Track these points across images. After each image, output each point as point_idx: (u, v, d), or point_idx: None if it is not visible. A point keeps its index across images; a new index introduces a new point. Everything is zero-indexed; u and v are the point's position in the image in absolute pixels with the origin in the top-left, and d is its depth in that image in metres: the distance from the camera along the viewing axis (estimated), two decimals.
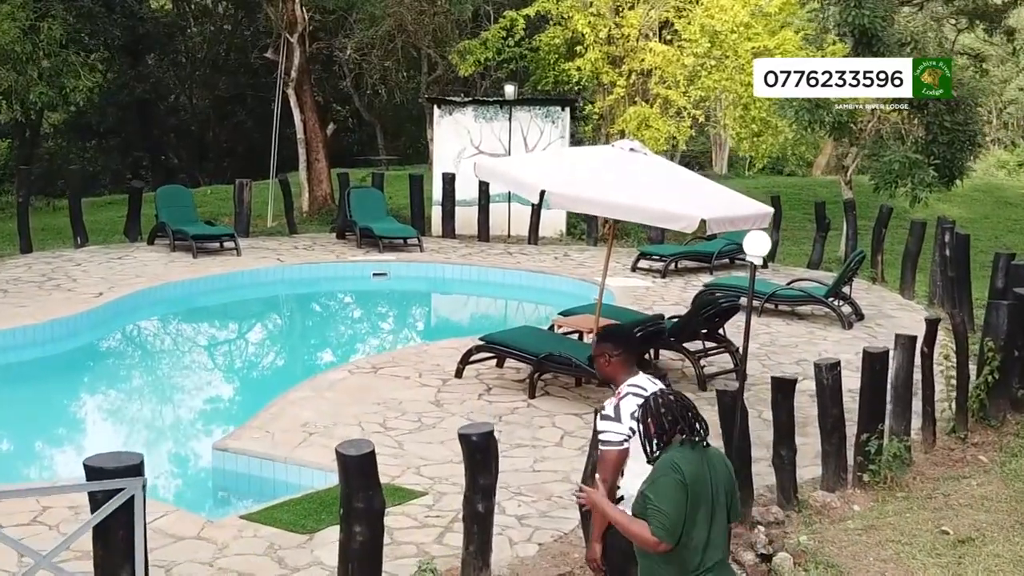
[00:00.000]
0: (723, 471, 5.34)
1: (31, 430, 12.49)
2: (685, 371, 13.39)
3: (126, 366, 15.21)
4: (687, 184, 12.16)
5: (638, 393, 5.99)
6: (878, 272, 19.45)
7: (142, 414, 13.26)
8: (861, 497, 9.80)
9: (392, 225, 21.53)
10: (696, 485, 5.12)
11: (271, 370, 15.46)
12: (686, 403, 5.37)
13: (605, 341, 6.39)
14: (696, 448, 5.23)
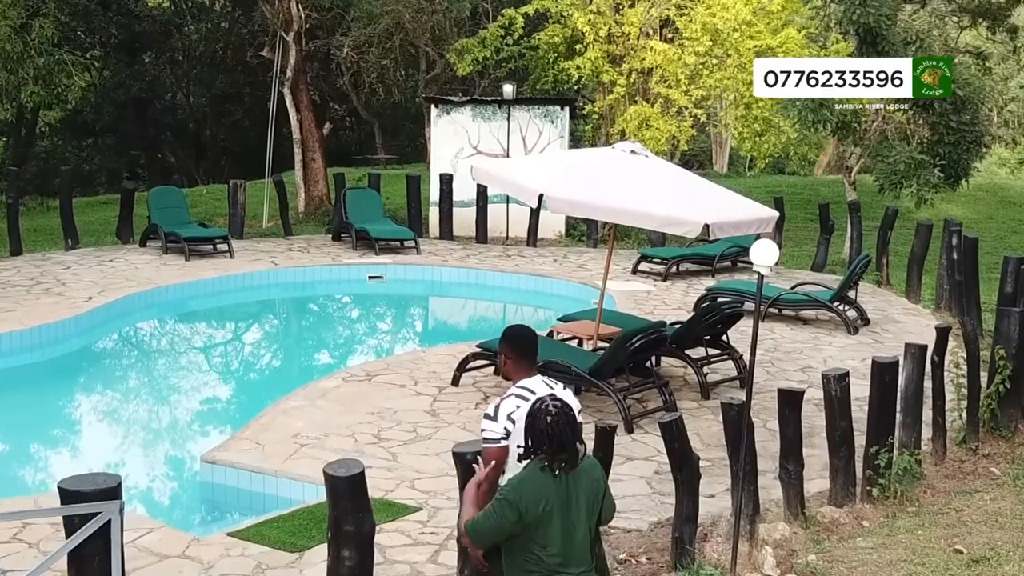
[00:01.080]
0: (590, 486, 5.40)
1: (13, 440, 12.18)
2: (687, 378, 13.08)
3: (113, 374, 14.87)
4: (689, 188, 11.87)
5: (522, 395, 5.96)
6: (883, 275, 19.14)
7: (129, 424, 12.93)
8: (870, 512, 9.48)
9: (388, 227, 21.20)
10: (546, 511, 5.20)
11: (263, 378, 15.12)
12: (564, 428, 5.27)
13: (503, 341, 6.29)
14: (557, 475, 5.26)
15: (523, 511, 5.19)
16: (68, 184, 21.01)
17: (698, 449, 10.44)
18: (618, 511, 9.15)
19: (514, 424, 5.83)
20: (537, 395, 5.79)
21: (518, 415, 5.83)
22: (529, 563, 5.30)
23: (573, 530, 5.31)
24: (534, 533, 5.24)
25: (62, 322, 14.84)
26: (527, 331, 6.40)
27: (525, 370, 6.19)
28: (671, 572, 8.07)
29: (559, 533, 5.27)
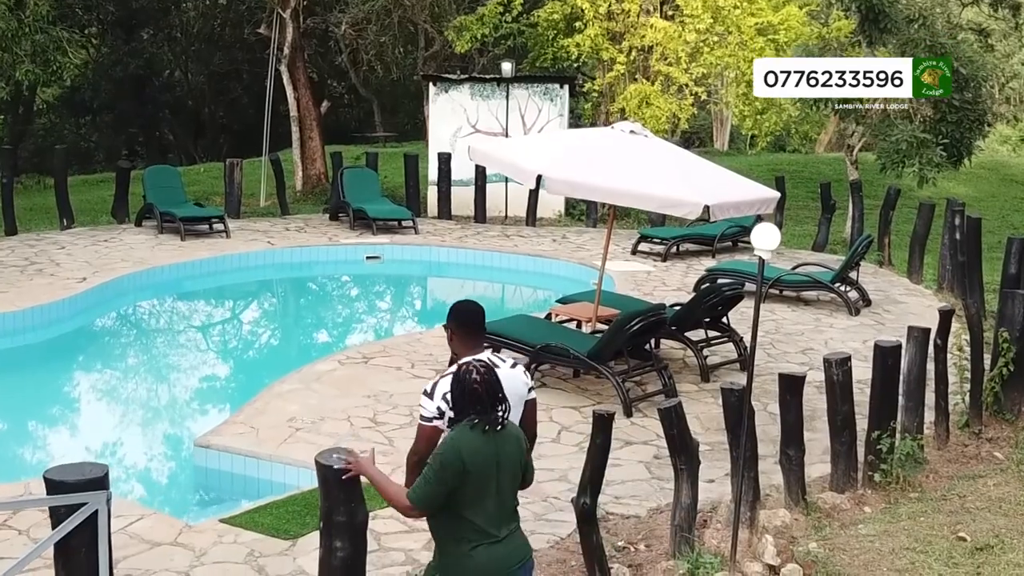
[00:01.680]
0: (515, 450, 5.46)
1: (4, 424, 12.06)
2: (687, 361, 12.95)
3: (107, 356, 14.69)
4: (690, 168, 11.72)
5: None
6: (885, 255, 18.97)
7: (122, 408, 12.79)
8: (872, 498, 9.36)
9: (386, 207, 21.01)
10: (476, 467, 5.25)
11: (258, 360, 14.97)
12: (493, 386, 5.37)
13: (450, 317, 6.24)
14: (487, 431, 5.32)
15: (459, 464, 5.23)
16: (63, 163, 20.83)
17: (697, 433, 10.32)
18: (617, 497, 9.15)
19: (449, 405, 5.73)
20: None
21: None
22: (456, 526, 5.36)
23: (500, 489, 5.38)
24: (462, 493, 5.29)
25: (55, 303, 14.71)
26: (475, 307, 6.33)
27: (472, 347, 6.12)
28: (670, 560, 7.94)
29: (489, 492, 5.34)
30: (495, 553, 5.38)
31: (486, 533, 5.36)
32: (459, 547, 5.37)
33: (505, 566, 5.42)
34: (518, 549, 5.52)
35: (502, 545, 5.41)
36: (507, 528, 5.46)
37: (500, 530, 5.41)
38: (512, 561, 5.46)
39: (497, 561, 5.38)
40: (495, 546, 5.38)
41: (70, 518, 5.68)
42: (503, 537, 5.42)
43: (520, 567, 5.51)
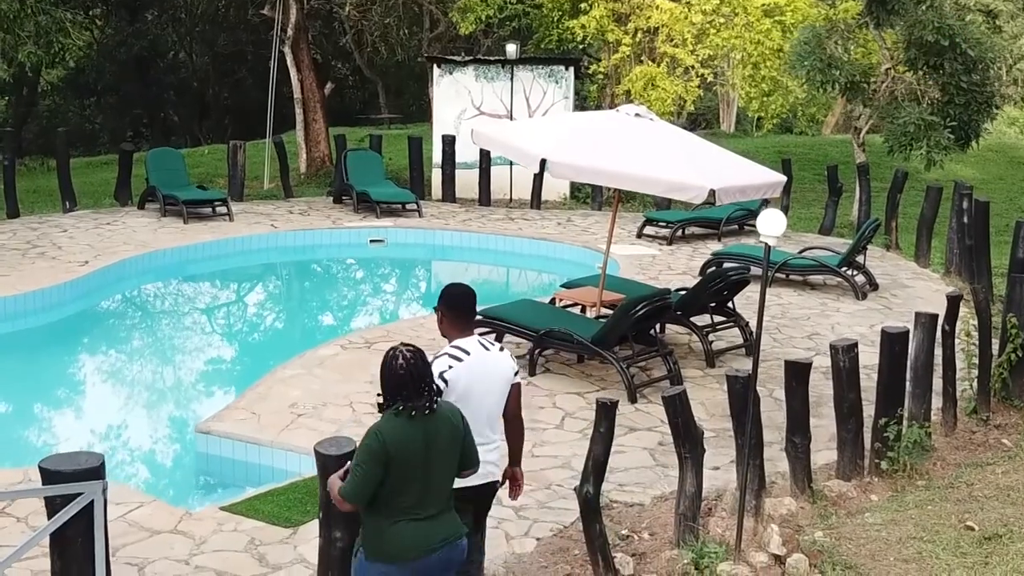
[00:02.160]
0: (448, 431, 5.53)
1: (4, 409, 12.00)
2: (692, 346, 12.85)
3: (108, 341, 14.62)
4: (695, 152, 11.59)
5: (455, 355, 6.11)
6: (892, 239, 18.84)
7: (123, 393, 12.71)
8: (879, 486, 9.28)
9: (390, 189, 20.89)
10: (401, 453, 5.33)
11: (260, 345, 14.87)
12: (420, 371, 5.44)
13: (441, 300, 6.37)
14: (414, 417, 5.38)
15: (384, 453, 5.32)
16: (65, 145, 20.68)
17: (703, 420, 10.28)
18: (620, 484, 9.06)
19: (446, 384, 5.97)
20: (472, 355, 6.12)
21: (451, 375, 6.01)
22: (382, 503, 5.43)
23: (429, 473, 5.45)
24: (391, 477, 5.37)
25: (57, 287, 14.64)
26: (465, 290, 6.43)
27: (461, 329, 6.26)
28: (674, 549, 7.86)
29: (415, 476, 5.41)
30: (417, 529, 5.46)
31: (411, 511, 5.44)
32: (382, 521, 5.47)
33: (426, 542, 5.49)
34: (445, 527, 5.58)
35: (427, 522, 5.48)
36: (436, 508, 5.52)
37: (427, 509, 5.48)
38: (435, 538, 5.52)
39: (418, 536, 5.46)
40: (418, 522, 5.46)
41: (65, 508, 5.64)
42: (429, 515, 5.48)
43: (444, 545, 5.57)
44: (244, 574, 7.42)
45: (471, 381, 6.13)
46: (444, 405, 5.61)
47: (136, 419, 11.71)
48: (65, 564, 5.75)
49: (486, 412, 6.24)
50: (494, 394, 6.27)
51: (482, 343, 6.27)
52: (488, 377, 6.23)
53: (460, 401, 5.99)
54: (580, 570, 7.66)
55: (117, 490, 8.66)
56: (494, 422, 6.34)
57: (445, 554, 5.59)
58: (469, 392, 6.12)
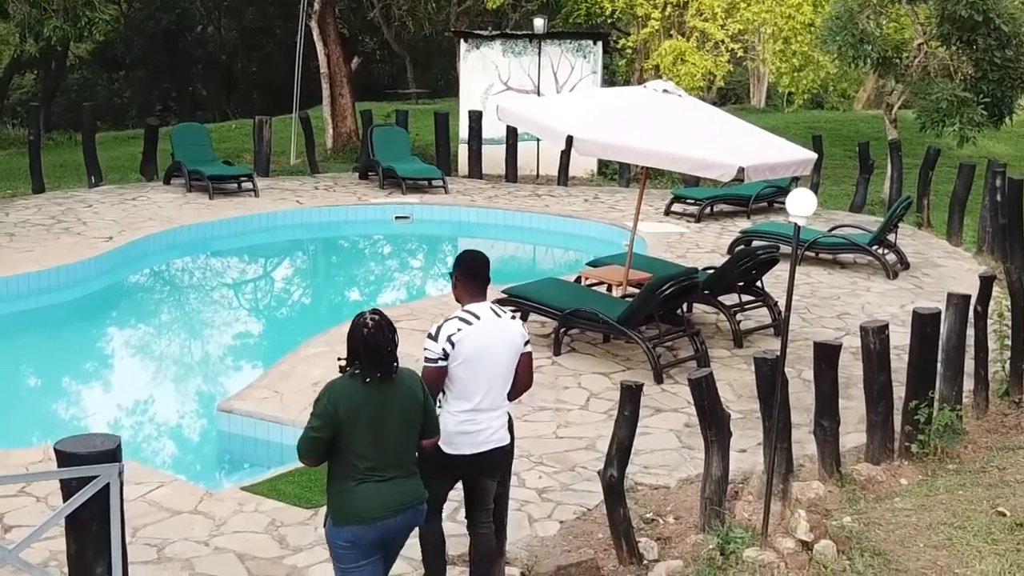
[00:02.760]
0: (405, 397, 5.65)
1: (26, 386, 11.95)
2: (720, 326, 12.69)
3: (131, 318, 14.55)
4: (724, 128, 11.41)
5: (465, 319, 6.18)
6: (924, 217, 18.58)
7: (146, 370, 12.63)
8: (909, 470, 9.12)
9: (416, 166, 20.75)
10: (352, 414, 5.50)
11: (284, 322, 14.79)
12: (381, 337, 5.56)
13: (456, 266, 6.46)
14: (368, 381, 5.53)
15: (333, 413, 5.49)
16: (91, 120, 20.61)
17: (730, 401, 10.18)
18: (646, 466, 8.94)
19: (453, 347, 6.09)
20: (482, 319, 6.20)
21: (458, 337, 6.09)
22: (343, 467, 5.61)
23: (384, 437, 5.58)
24: (346, 438, 5.53)
25: (80, 263, 14.59)
26: (480, 256, 6.52)
27: (474, 295, 6.33)
28: (700, 533, 7.74)
29: (369, 439, 5.55)
30: (377, 490, 5.60)
31: (370, 474, 5.59)
32: (343, 483, 5.64)
33: (385, 504, 5.63)
34: (404, 493, 5.70)
35: (387, 484, 5.62)
36: (395, 472, 5.66)
37: (387, 472, 5.62)
38: (393, 501, 5.66)
39: (377, 498, 5.60)
40: (379, 484, 5.61)
41: (81, 491, 5.55)
42: (389, 478, 5.63)
43: (407, 508, 5.72)
44: (264, 556, 7.34)
45: (479, 346, 6.16)
46: (405, 372, 5.71)
47: (157, 397, 11.65)
48: (81, 547, 5.67)
49: (495, 378, 6.27)
50: (502, 361, 6.29)
51: (494, 309, 6.33)
52: (497, 343, 6.25)
53: (466, 364, 6.13)
54: (604, 554, 7.55)
55: (137, 469, 8.63)
56: (503, 389, 6.36)
57: (408, 517, 5.75)
58: (476, 356, 6.16)
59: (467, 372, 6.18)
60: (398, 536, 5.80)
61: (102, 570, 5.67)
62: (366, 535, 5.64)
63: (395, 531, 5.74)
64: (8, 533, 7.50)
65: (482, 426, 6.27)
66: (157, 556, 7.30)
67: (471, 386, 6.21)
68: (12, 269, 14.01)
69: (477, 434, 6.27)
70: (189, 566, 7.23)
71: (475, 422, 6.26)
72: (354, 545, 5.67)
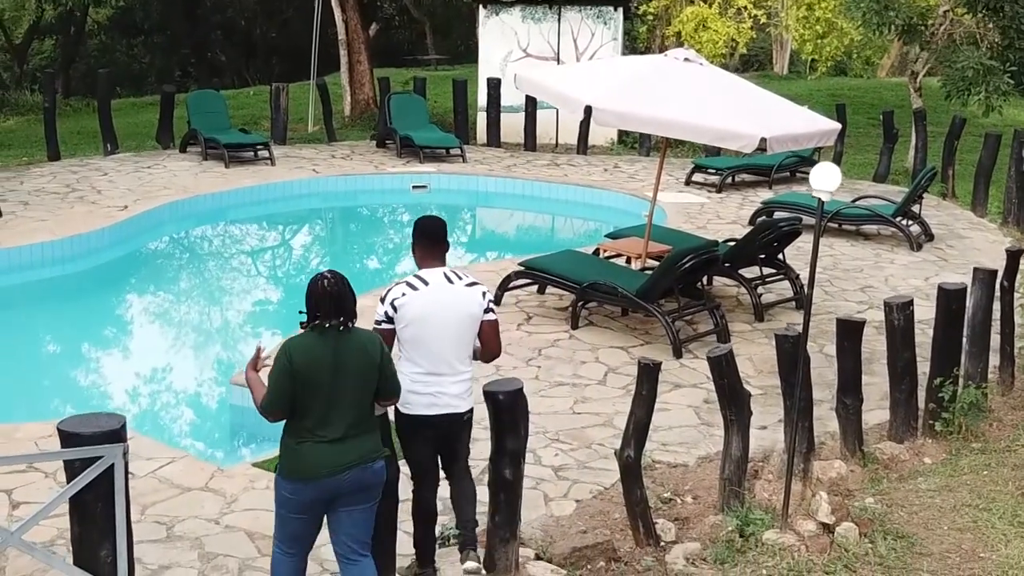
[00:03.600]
0: (361, 357, 5.70)
1: (38, 358, 11.81)
2: (740, 299, 12.51)
3: (145, 288, 14.47)
4: (746, 98, 11.21)
5: (412, 284, 6.27)
6: (948, 187, 18.29)
7: (157, 342, 12.46)
8: (932, 448, 8.95)
9: (433, 134, 20.53)
10: (305, 368, 5.57)
11: (299, 294, 14.57)
12: (338, 293, 5.67)
13: (416, 232, 6.49)
14: (325, 335, 5.62)
15: (289, 366, 5.57)
16: (107, 87, 20.46)
17: (750, 377, 10.02)
18: (664, 444, 8.78)
19: (395, 311, 6.20)
20: (431, 285, 6.26)
21: (401, 302, 6.20)
22: (294, 423, 5.68)
23: (337, 394, 5.64)
24: (299, 393, 5.59)
25: (95, 232, 14.46)
26: (438, 221, 6.55)
27: (431, 259, 6.38)
28: (718, 514, 7.59)
29: (321, 394, 5.62)
30: (327, 449, 5.65)
31: (319, 431, 5.64)
32: (292, 439, 5.71)
33: (335, 462, 5.66)
34: (355, 450, 5.73)
35: (337, 443, 5.66)
36: (348, 430, 5.69)
37: (337, 430, 5.66)
38: (345, 459, 5.69)
39: (326, 456, 5.65)
40: (328, 443, 5.65)
41: (84, 472, 5.44)
42: (338, 438, 5.66)
43: (356, 467, 5.73)
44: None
45: (424, 311, 6.23)
46: (363, 332, 5.79)
47: (169, 369, 11.53)
48: (85, 529, 5.56)
49: (442, 343, 6.30)
50: (451, 327, 6.31)
51: (447, 275, 6.34)
52: (446, 309, 6.28)
53: (411, 328, 6.23)
54: (620, 535, 7.41)
55: (147, 445, 8.54)
56: (457, 355, 6.38)
57: (357, 475, 5.74)
58: (421, 321, 6.23)
59: (413, 336, 6.26)
60: (345, 493, 5.78)
61: (107, 552, 5.56)
62: (305, 492, 5.71)
63: (339, 489, 5.74)
64: (16, 510, 7.42)
65: (433, 388, 6.33)
66: (166, 535, 7.20)
67: (418, 350, 6.29)
68: (26, 238, 13.89)
69: (430, 396, 6.33)
70: (199, 545, 7.13)
71: (426, 384, 6.32)
72: (293, 499, 5.77)
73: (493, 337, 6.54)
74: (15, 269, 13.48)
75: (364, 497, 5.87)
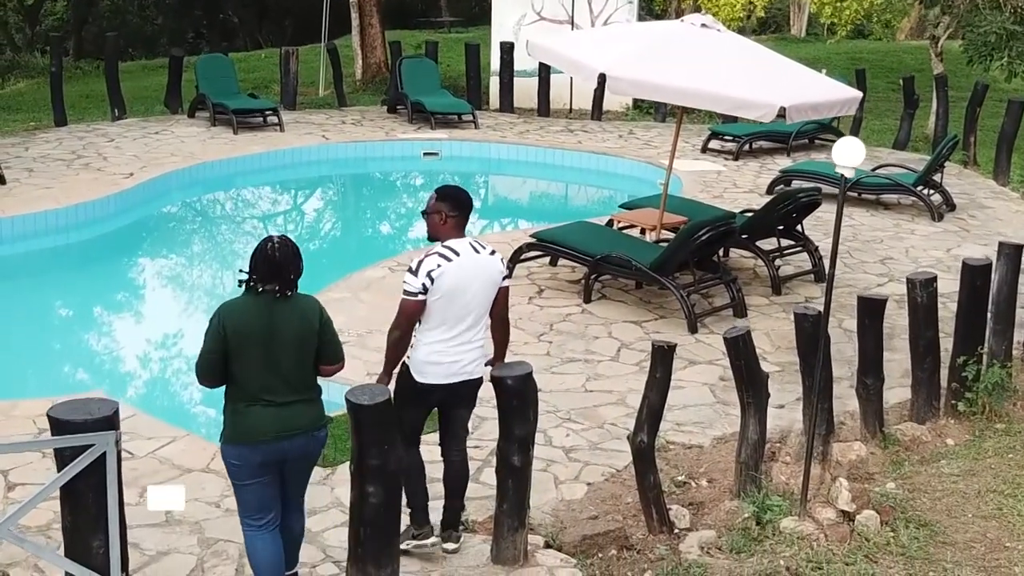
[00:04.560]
0: (298, 324, 5.67)
1: (40, 328, 11.56)
2: (757, 271, 12.23)
3: (148, 259, 14.20)
4: (765, 66, 10.89)
5: (445, 255, 6.22)
6: (970, 155, 17.90)
7: (160, 315, 12.17)
8: (955, 429, 8.72)
9: (445, 99, 20.17)
10: (240, 332, 5.55)
11: (307, 265, 14.29)
12: (284, 257, 5.62)
13: (444, 200, 6.40)
14: (260, 299, 5.60)
15: (221, 330, 5.54)
16: (114, 50, 20.17)
17: (767, 353, 9.79)
18: (678, 423, 8.54)
19: (432, 282, 6.14)
20: (462, 255, 6.21)
21: (438, 273, 6.14)
22: (235, 389, 5.67)
23: (277, 358, 5.62)
24: (236, 358, 5.57)
25: (100, 200, 14.19)
26: (464, 191, 6.53)
27: (457, 230, 6.35)
28: (734, 500, 7.36)
29: (260, 360, 5.59)
30: (269, 414, 5.62)
31: (261, 396, 5.62)
32: (235, 404, 5.69)
33: (278, 428, 5.65)
34: (298, 417, 5.71)
35: (280, 408, 5.64)
36: (291, 396, 5.67)
37: (279, 395, 5.63)
38: (288, 425, 5.67)
39: (268, 421, 5.62)
40: (271, 407, 5.63)
41: (76, 460, 5.26)
42: (283, 402, 5.65)
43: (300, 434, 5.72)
44: None
45: (458, 281, 6.22)
46: (303, 298, 5.78)
47: (172, 344, 11.27)
48: (76, 519, 5.39)
49: (472, 312, 6.33)
50: (481, 296, 6.34)
51: (473, 245, 6.34)
52: (476, 279, 6.30)
53: (445, 299, 6.19)
54: (632, 521, 7.21)
55: (147, 423, 8.37)
56: (479, 323, 6.41)
57: (303, 442, 5.76)
58: (455, 292, 6.22)
59: (443, 306, 6.24)
60: (291, 459, 5.79)
61: (99, 543, 5.40)
62: (252, 456, 5.68)
63: (286, 454, 5.73)
64: (12, 492, 7.25)
65: (453, 357, 6.32)
66: (165, 519, 7.00)
67: (446, 319, 6.27)
68: (30, 207, 13.64)
69: (449, 365, 6.33)
70: (198, 529, 6.96)
71: (446, 353, 6.31)
72: (242, 465, 5.74)
73: (505, 305, 6.57)
74: (19, 238, 13.24)
75: (308, 464, 5.98)
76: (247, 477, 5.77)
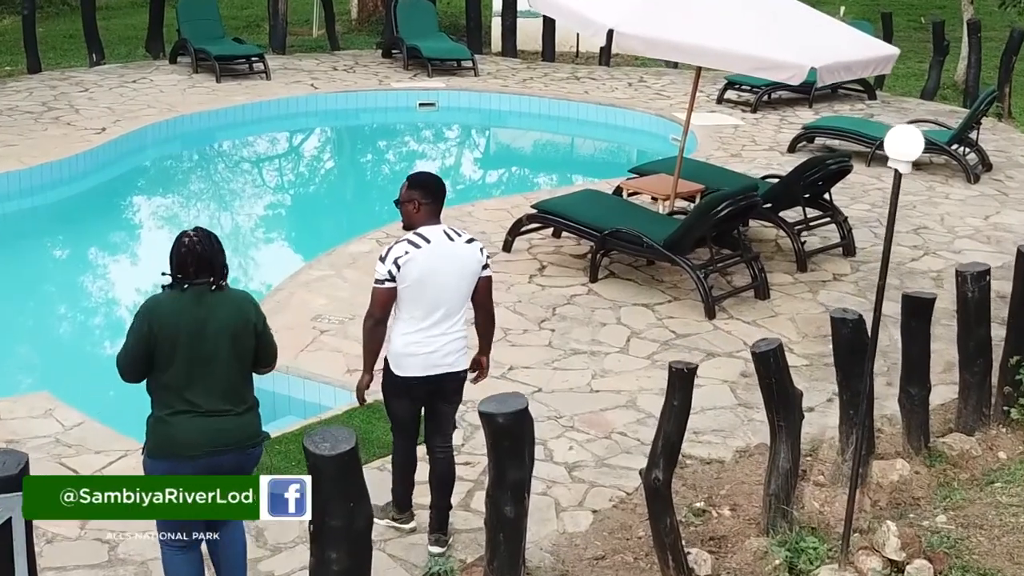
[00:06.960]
0: (231, 318, 5.27)
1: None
2: (780, 244, 11.20)
3: (120, 226, 13.18)
4: (792, 21, 9.88)
5: (414, 242, 6.04)
6: (1005, 107, 16.74)
7: (123, 300, 11.02)
8: (1007, 440, 7.74)
9: (443, 44, 19.06)
10: (166, 330, 5.15)
11: (285, 238, 13.26)
12: (205, 252, 5.25)
13: (416, 188, 6.21)
14: (189, 295, 5.21)
15: (146, 330, 5.14)
16: None
17: (792, 343, 8.92)
18: (696, 431, 7.54)
19: (399, 269, 5.96)
20: (433, 242, 5.98)
21: (404, 260, 5.94)
22: (161, 394, 5.25)
23: (206, 363, 5.21)
24: (161, 359, 5.17)
25: (68, 159, 13.22)
26: (440, 180, 6.36)
27: (431, 217, 6.17)
28: (761, 536, 6.38)
29: (187, 363, 5.19)
30: (194, 424, 5.20)
31: (189, 403, 5.20)
32: (160, 411, 5.25)
33: (204, 440, 5.19)
34: (229, 431, 5.27)
35: (212, 419, 5.22)
36: (222, 405, 5.25)
37: (208, 403, 5.22)
38: (215, 439, 5.22)
39: (194, 433, 5.19)
40: (198, 418, 5.20)
41: None
42: (212, 412, 5.22)
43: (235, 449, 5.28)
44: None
45: (427, 269, 6.02)
46: (237, 293, 5.44)
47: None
48: None
49: (444, 301, 6.11)
50: (453, 285, 6.11)
51: (448, 232, 6.15)
52: (448, 267, 6.08)
53: (414, 287, 6.01)
54: (645, 562, 6.24)
55: (99, 434, 7.50)
56: (455, 314, 6.20)
57: (235, 458, 5.28)
58: (424, 279, 6.02)
59: (414, 294, 6.05)
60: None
61: None
62: (182, 471, 5.08)
63: (219, 471, 5.13)
64: None
65: (430, 347, 6.13)
66: (108, 557, 6.14)
67: (418, 308, 6.08)
68: None
69: (426, 356, 6.14)
70: (144, 571, 6.01)
71: (422, 344, 6.12)
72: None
73: (487, 296, 6.33)
74: None
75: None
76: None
